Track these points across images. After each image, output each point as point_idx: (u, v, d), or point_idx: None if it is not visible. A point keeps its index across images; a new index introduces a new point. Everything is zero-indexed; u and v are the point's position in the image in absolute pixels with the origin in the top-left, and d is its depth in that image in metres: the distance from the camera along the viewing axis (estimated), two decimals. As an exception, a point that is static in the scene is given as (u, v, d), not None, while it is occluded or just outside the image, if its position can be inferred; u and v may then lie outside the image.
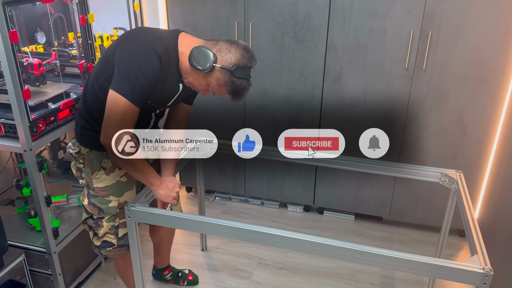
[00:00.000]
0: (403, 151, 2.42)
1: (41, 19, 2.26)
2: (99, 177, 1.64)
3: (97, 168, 1.64)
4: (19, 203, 2.17)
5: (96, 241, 1.75)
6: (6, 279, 1.80)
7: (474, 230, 1.45)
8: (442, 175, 1.82)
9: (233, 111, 2.62)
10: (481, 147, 2.31)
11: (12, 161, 2.22)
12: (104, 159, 1.63)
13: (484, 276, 1.26)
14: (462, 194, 1.67)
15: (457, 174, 1.79)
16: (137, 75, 1.38)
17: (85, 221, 1.75)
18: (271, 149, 1.98)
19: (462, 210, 1.60)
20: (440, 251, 1.98)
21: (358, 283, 2.23)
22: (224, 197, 2.97)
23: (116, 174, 1.65)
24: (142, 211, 1.57)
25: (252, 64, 1.51)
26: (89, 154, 1.63)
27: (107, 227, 1.70)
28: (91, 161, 1.63)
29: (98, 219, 1.70)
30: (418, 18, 2.14)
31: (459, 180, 1.76)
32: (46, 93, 1.95)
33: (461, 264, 1.29)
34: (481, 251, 1.34)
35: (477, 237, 1.41)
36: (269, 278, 2.26)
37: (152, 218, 1.60)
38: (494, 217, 2.21)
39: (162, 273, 2.20)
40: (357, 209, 2.69)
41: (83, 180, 1.69)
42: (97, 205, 1.67)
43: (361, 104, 2.39)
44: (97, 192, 1.66)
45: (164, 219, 1.59)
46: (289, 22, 2.33)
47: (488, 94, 2.20)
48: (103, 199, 1.66)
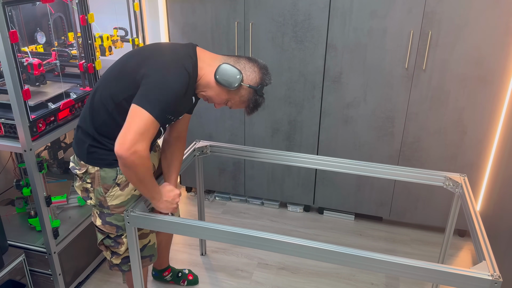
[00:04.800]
0: (403, 151, 2.42)
1: (41, 19, 2.26)
2: (114, 194, 1.57)
3: (111, 185, 1.56)
4: (19, 203, 2.17)
5: (116, 260, 1.69)
6: (6, 279, 1.80)
7: (481, 236, 1.43)
8: (446, 179, 1.80)
9: (233, 111, 2.62)
10: (481, 147, 2.32)
11: (12, 161, 2.22)
12: (119, 175, 1.55)
13: (493, 283, 1.24)
14: (468, 199, 1.64)
15: (461, 178, 1.78)
16: (168, 92, 1.38)
17: (102, 242, 1.67)
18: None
19: (468, 215, 1.59)
20: (444, 254, 1.96)
21: (358, 283, 2.24)
22: (224, 197, 2.97)
23: (130, 188, 1.59)
24: (142, 217, 1.55)
25: (271, 83, 1.57)
26: (99, 173, 1.54)
27: (127, 243, 1.64)
28: (102, 179, 1.55)
29: (117, 237, 1.64)
30: (418, 18, 2.14)
31: (464, 184, 1.74)
32: (46, 93, 1.95)
33: (469, 271, 1.27)
34: (489, 258, 1.32)
35: (485, 243, 1.39)
36: (269, 278, 2.26)
37: (152, 224, 1.57)
38: (494, 217, 2.21)
39: (162, 274, 2.19)
40: (357, 209, 2.69)
41: (92, 200, 1.60)
42: (114, 223, 1.61)
43: (361, 104, 2.39)
44: (112, 210, 1.59)
45: (164, 224, 1.56)
46: (289, 22, 2.33)
47: (488, 94, 2.20)
48: (120, 216, 1.60)
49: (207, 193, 3.02)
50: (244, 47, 2.44)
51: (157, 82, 1.38)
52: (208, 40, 2.49)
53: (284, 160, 1.98)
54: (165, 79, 1.39)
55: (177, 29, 2.51)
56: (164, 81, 1.38)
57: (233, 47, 2.45)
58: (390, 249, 2.48)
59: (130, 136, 1.34)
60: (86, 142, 1.53)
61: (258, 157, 2.02)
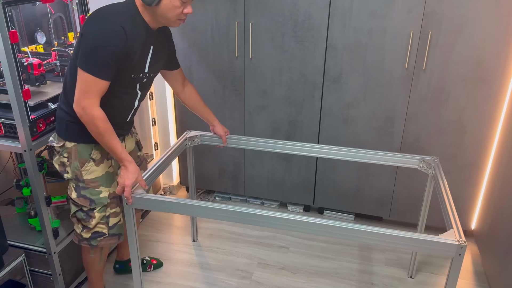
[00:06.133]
0: (403, 151, 2.42)
1: (41, 19, 2.26)
2: (89, 169, 1.69)
3: (86, 160, 1.68)
4: (19, 203, 2.17)
5: (86, 234, 1.77)
6: (6, 279, 1.80)
7: (449, 207, 1.57)
8: (420, 161, 1.93)
9: (233, 111, 2.63)
10: (481, 147, 2.32)
11: (12, 161, 2.22)
12: (94, 150, 1.68)
13: (459, 248, 1.38)
14: (439, 177, 1.79)
15: (434, 160, 1.91)
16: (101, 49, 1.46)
17: (74, 215, 1.78)
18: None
19: (439, 191, 1.72)
20: (420, 230, 2.15)
21: (358, 283, 2.24)
22: (224, 197, 2.97)
23: (105, 165, 1.72)
24: (141, 198, 1.61)
25: None
26: (76, 147, 1.67)
27: (99, 217, 1.74)
28: (79, 154, 1.67)
29: (89, 211, 1.73)
30: (418, 18, 2.14)
31: (436, 166, 1.88)
32: (46, 93, 1.95)
33: (438, 237, 1.41)
34: (455, 226, 1.47)
35: (452, 214, 1.53)
36: (269, 278, 2.26)
37: (150, 204, 1.65)
38: (494, 217, 2.21)
39: (128, 264, 2.24)
40: (357, 209, 2.69)
41: (68, 174, 1.71)
42: (88, 196, 1.71)
43: (361, 104, 2.39)
44: (87, 184, 1.70)
45: (160, 204, 1.63)
46: (289, 22, 2.33)
47: (488, 94, 2.20)
48: (94, 190, 1.71)
49: (207, 193, 3.02)
50: (244, 47, 2.45)
51: (90, 41, 1.47)
52: (208, 40, 2.49)
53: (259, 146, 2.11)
54: (95, 36, 1.47)
55: (177, 29, 2.51)
56: (95, 36, 1.47)
57: (233, 47, 2.45)
58: (390, 249, 2.48)
59: (77, 96, 1.52)
60: (65, 119, 1.66)
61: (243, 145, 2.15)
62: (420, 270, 2.32)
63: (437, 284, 2.23)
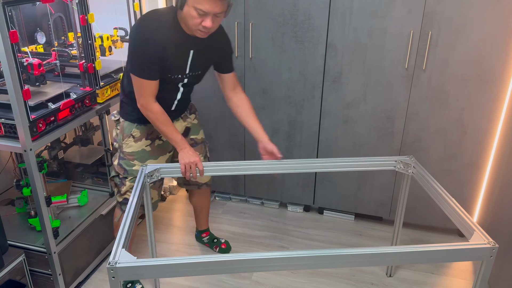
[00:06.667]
0: (403, 151, 2.42)
1: (41, 19, 2.26)
2: (128, 143, 1.92)
3: (128, 135, 1.92)
4: (19, 203, 2.17)
5: (119, 198, 2.01)
6: (6, 279, 1.80)
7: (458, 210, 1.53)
8: (397, 162, 1.93)
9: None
10: (481, 147, 2.32)
11: (12, 161, 2.22)
12: (134, 129, 1.91)
13: (491, 250, 1.35)
14: (426, 177, 1.77)
15: (411, 159, 1.92)
16: (137, 51, 1.66)
17: (112, 178, 2.02)
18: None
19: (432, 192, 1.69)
20: (398, 228, 2.17)
21: (358, 283, 2.24)
22: (224, 197, 2.97)
23: (142, 143, 1.93)
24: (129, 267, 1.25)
25: None
26: (123, 124, 1.93)
27: (129, 186, 1.95)
28: (124, 129, 1.92)
29: (123, 179, 1.96)
30: (418, 18, 2.14)
31: (415, 164, 1.89)
32: (46, 93, 1.95)
33: (469, 244, 1.38)
34: (477, 228, 1.43)
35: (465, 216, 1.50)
36: (269, 278, 2.26)
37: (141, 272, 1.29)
38: (494, 217, 2.21)
39: (201, 235, 2.48)
40: (357, 209, 2.69)
41: (116, 144, 1.98)
42: (123, 166, 1.94)
43: (361, 104, 2.39)
44: (125, 156, 1.93)
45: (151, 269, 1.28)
46: (289, 22, 2.33)
47: (488, 94, 2.20)
48: (129, 162, 1.93)
49: (207, 193, 3.02)
50: (244, 47, 2.44)
51: (130, 45, 1.68)
52: (208, 40, 2.48)
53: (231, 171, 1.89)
54: (133, 40, 1.67)
55: (177, 29, 2.51)
56: (133, 43, 1.67)
57: (233, 47, 2.45)
58: (390, 249, 2.47)
59: (135, 95, 1.77)
60: (121, 98, 1.94)
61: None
62: (420, 270, 2.32)
63: (436, 284, 2.22)
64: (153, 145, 1.96)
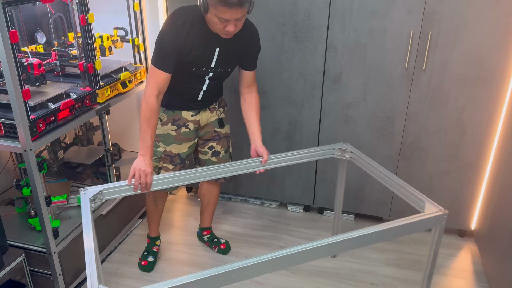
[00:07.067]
0: (403, 151, 2.42)
1: (41, 19, 2.26)
2: (158, 126, 2.00)
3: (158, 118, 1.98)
4: (19, 203, 2.17)
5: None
6: (6, 279, 1.80)
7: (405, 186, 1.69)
8: (335, 150, 2.05)
9: (233, 111, 2.62)
10: (481, 147, 2.32)
11: (12, 161, 2.22)
12: (162, 114, 2.01)
13: (442, 217, 1.53)
14: (362, 157, 1.91)
15: (347, 145, 2.04)
16: (161, 42, 1.75)
17: None
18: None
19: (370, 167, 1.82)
20: (338, 215, 2.27)
21: (358, 283, 2.24)
22: (224, 197, 2.97)
23: (168, 127, 2.03)
24: None
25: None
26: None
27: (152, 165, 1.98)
28: None
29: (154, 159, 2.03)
30: (418, 18, 2.14)
31: (351, 149, 2.01)
32: (46, 93, 1.95)
33: (425, 214, 1.54)
34: (426, 199, 1.59)
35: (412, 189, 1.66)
36: (269, 278, 2.26)
37: None
38: (494, 217, 2.21)
39: (202, 232, 2.50)
40: (357, 209, 2.69)
41: None
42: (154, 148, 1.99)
43: (361, 104, 2.39)
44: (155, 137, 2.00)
45: None
46: (289, 22, 2.33)
47: (488, 94, 2.20)
48: (155, 143, 2.03)
49: (207, 193, 3.02)
50: (244, 47, 2.44)
51: (157, 38, 1.77)
52: (208, 40, 2.48)
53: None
54: (160, 34, 1.77)
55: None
56: (159, 36, 1.77)
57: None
58: (390, 249, 2.48)
59: (146, 83, 1.83)
60: None
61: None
62: (419, 270, 2.32)
63: (436, 284, 2.22)
64: (179, 131, 2.04)
